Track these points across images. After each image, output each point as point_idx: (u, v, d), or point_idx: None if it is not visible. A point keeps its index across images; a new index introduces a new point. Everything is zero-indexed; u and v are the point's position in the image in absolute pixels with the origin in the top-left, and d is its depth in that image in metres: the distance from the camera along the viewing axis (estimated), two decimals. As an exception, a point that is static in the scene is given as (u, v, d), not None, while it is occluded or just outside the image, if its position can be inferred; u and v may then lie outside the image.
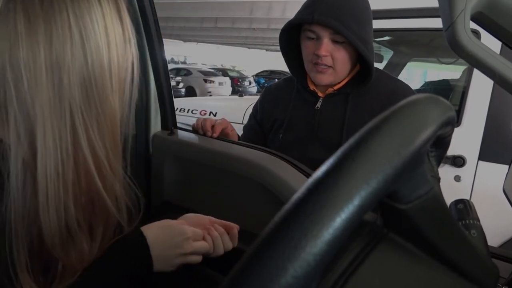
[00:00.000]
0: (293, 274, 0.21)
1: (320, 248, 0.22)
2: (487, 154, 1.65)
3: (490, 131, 1.64)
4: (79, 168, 0.53)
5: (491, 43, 0.52)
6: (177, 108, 2.85)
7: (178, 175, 1.10)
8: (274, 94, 1.24)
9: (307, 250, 0.21)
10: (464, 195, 1.69)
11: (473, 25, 0.43)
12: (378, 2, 1.72)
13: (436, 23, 1.70)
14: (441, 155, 0.36)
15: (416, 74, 3.68)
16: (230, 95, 12.16)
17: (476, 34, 1.29)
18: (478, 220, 0.40)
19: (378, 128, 0.26)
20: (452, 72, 2.74)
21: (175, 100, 1.22)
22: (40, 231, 0.53)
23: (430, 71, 3.78)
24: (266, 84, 3.87)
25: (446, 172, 1.68)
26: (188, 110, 3.14)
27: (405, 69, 2.75)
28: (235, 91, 14.35)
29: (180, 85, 14.22)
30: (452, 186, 1.69)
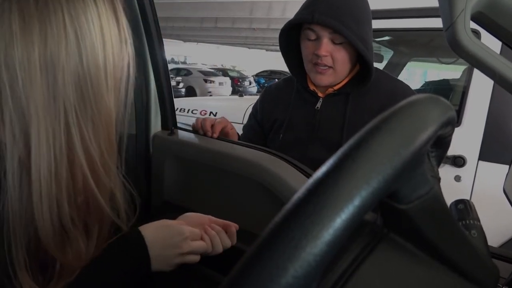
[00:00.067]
0: (293, 274, 0.21)
1: (321, 248, 0.22)
2: (487, 154, 1.65)
3: (490, 131, 1.64)
4: (73, 167, 0.53)
5: (491, 43, 0.52)
6: (177, 108, 2.84)
7: (178, 175, 1.10)
8: (274, 94, 1.24)
9: (307, 250, 0.21)
10: (464, 195, 1.69)
11: (473, 25, 0.43)
12: (378, 2, 1.72)
13: (436, 23, 1.70)
14: (441, 155, 0.36)
15: (416, 74, 3.68)
16: (230, 95, 12.16)
17: (476, 34, 1.29)
18: (478, 220, 0.40)
19: (378, 128, 0.26)
20: (452, 72, 2.73)
21: (175, 100, 1.22)
22: (37, 230, 0.53)
23: (430, 71, 3.77)
24: (266, 84, 3.87)
25: (446, 172, 1.68)
26: (188, 110, 3.15)
27: (405, 69, 2.75)
28: (235, 91, 14.36)
29: (180, 85, 14.22)
30: (452, 186, 1.69)
